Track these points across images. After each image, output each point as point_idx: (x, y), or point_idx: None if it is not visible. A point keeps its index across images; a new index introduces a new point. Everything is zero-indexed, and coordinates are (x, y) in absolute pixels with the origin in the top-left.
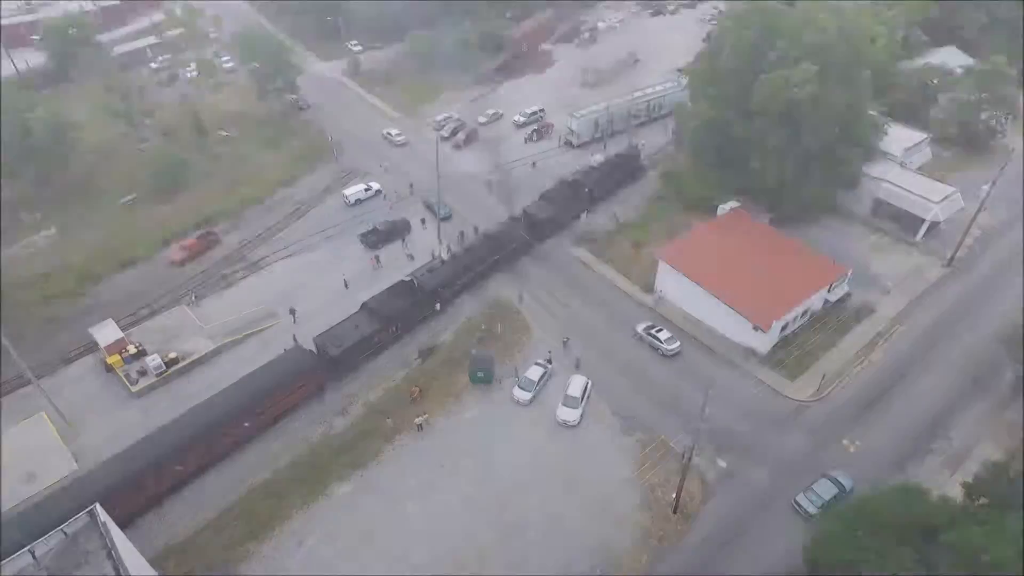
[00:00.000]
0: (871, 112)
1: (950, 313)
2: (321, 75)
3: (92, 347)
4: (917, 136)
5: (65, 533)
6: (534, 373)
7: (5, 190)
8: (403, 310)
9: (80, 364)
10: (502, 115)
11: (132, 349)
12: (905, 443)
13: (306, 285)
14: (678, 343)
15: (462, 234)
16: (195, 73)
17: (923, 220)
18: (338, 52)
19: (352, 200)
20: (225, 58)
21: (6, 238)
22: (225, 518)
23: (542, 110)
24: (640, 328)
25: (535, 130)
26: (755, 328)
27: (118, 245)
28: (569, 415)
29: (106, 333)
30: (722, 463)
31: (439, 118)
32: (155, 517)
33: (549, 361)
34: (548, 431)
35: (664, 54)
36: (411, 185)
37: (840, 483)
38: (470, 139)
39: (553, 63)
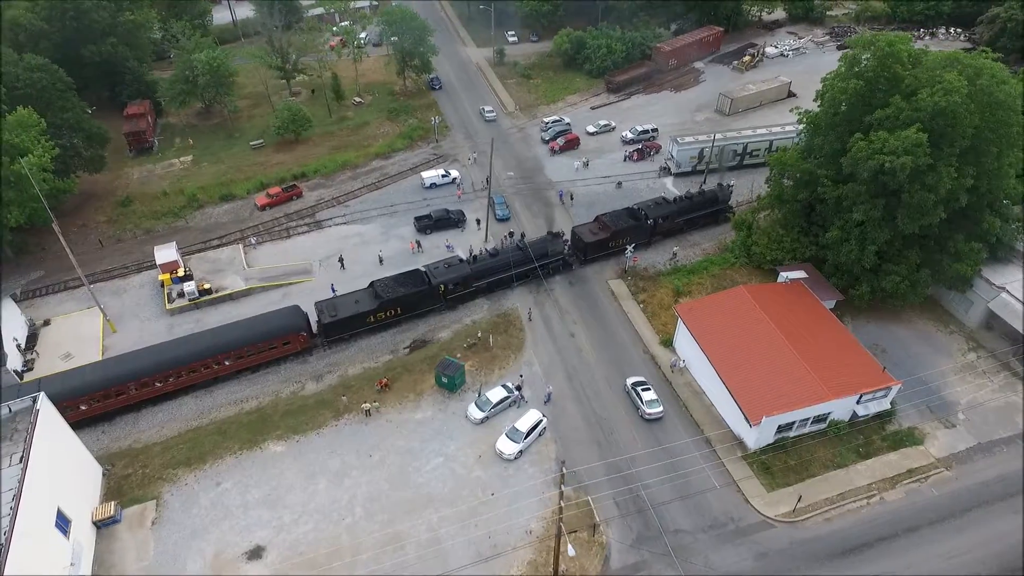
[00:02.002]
0: (1006, 201)
1: None
2: (467, 60)
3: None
4: None
5: (10, 409)
6: (495, 395)
7: (173, 116)
8: (405, 297)
9: (146, 275)
10: (614, 128)
11: (181, 272)
12: None
13: (349, 252)
14: (661, 408)
15: (511, 235)
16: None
17: None
18: (496, 39)
19: (427, 183)
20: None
21: (160, 155)
22: (176, 440)
23: (655, 130)
24: (629, 381)
25: (637, 149)
26: (746, 418)
27: (227, 181)
28: (507, 447)
29: (165, 253)
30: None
31: (548, 119)
32: (129, 420)
33: (519, 387)
34: (482, 456)
35: None
36: (487, 180)
37: None
38: (569, 146)
39: (698, 83)
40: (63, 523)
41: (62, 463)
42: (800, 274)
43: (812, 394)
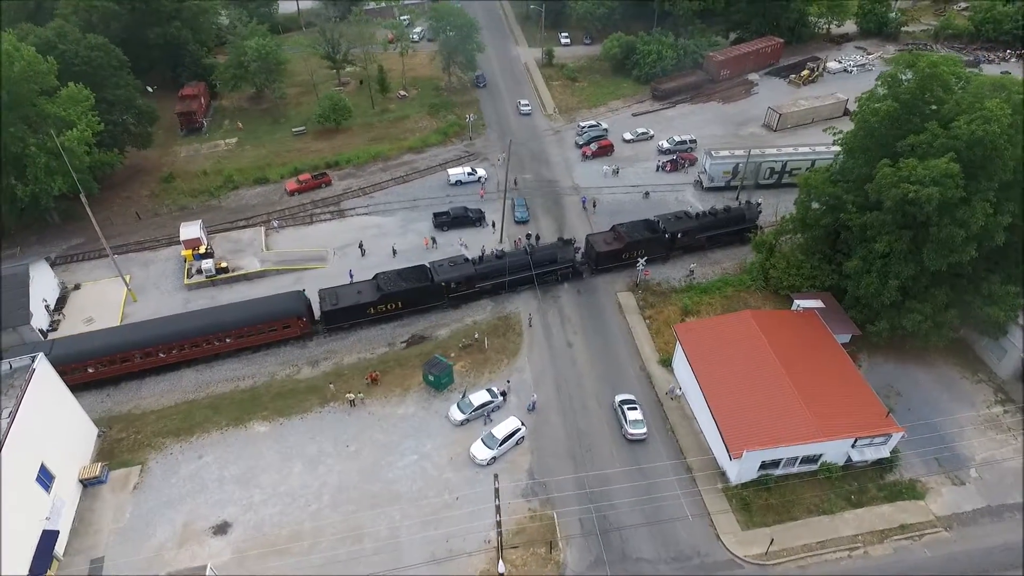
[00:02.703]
0: None
1: None
2: (516, 59)
3: None
4: None
5: (11, 365)
6: (478, 398)
7: (226, 99)
8: (407, 292)
9: (173, 249)
10: (651, 136)
11: (203, 249)
12: None
13: (367, 243)
14: (644, 429)
15: (527, 237)
16: (408, 35)
17: None
18: (548, 40)
19: (453, 180)
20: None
21: (208, 135)
22: (171, 411)
23: (693, 141)
24: (618, 398)
25: (671, 160)
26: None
27: (264, 165)
28: (480, 453)
29: (189, 230)
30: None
31: (584, 123)
32: (133, 387)
33: (503, 393)
34: (455, 459)
35: None
36: (516, 180)
37: None
38: (602, 152)
39: (749, 96)
40: (46, 478)
41: (53, 421)
42: (816, 303)
43: (802, 432)
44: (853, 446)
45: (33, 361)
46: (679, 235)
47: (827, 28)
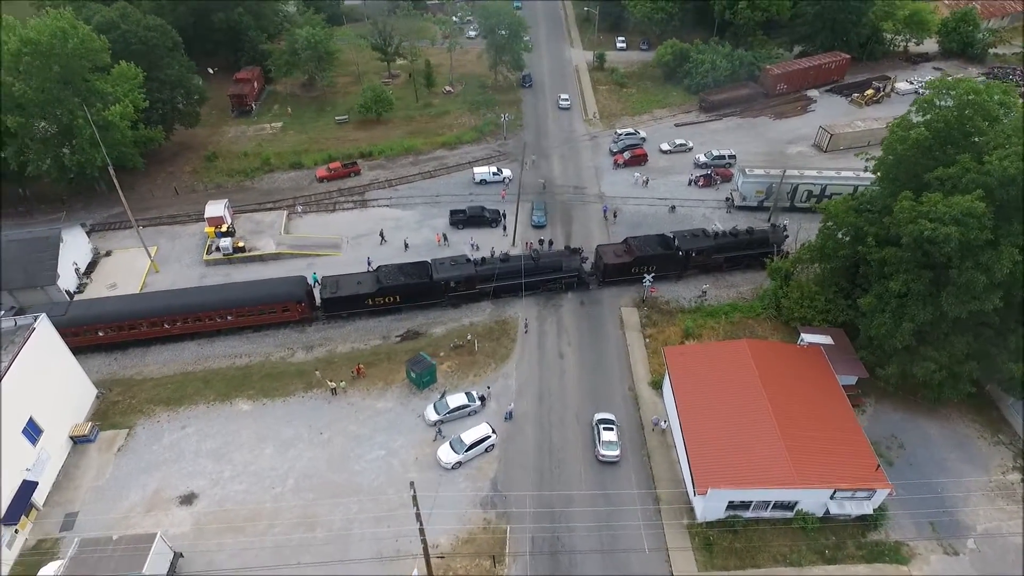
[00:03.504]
0: None
1: None
2: (568, 61)
3: None
4: None
5: (15, 323)
6: (455, 400)
7: (280, 85)
8: (405, 287)
9: (200, 225)
10: (690, 149)
11: (225, 228)
12: None
13: (381, 233)
14: (616, 452)
15: (541, 242)
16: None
17: None
18: (603, 44)
19: (478, 179)
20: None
21: (256, 118)
22: (167, 380)
23: (732, 157)
24: (597, 417)
25: (704, 175)
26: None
27: (302, 150)
28: (445, 456)
29: (214, 208)
30: None
31: (621, 131)
32: (139, 353)
33: (482, 398)
34: (421, 459)
35: None
36: (543, 183)
37: None
38: (635, 161)
39: (804, 113)
40: (33, 431)
41: (49, 379)
42: (825, 339)
43: (775, 475)
44: (832, 497)
45: (35, 320)
46: (694, 253)
47: (904, 46)
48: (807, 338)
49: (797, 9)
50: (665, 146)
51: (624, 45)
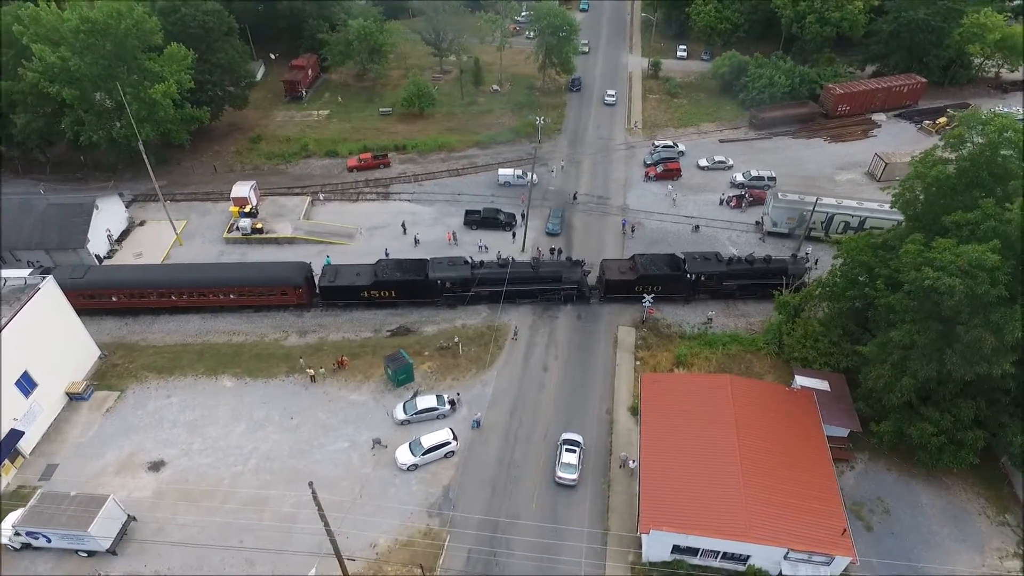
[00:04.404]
0: None
1: None
2: (623, 67)
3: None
4: None
5: (25, 281)
6: (424, 402)
7: (335, 74)
8: (399, 283)
9: (229, 204)
10: (730, 167)
11: (248, 208)
12: None
13: (396, 228)
14: (574, 476)
15: (552, 251)
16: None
17: None
18: (664, 51)
19: (502, 181)
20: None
21: (306, 105)
22: (167, 349)
23: (772, 179)
24: (563, 436)
25: (736, 195)
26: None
27: (340, 139)
28: (402, 457)
29: (240, 189)
30: None
31: (659, 143)
32: (149, 321)
33: (452, 402)
34: (380, 457)
35: None
36: (575, 194)
37: None
38: (667, 175)
39: (865, 138)
40: (27, 384)
41: (49, 337)
42: (820, 384)
43: (724, 525)
44: (786, 557)
45: (41, 281)
46: (703, 277)
47: (996, 72)
48: (800, 381)
49: (872, 27)
50: (703, 162)
51: (684, 54)
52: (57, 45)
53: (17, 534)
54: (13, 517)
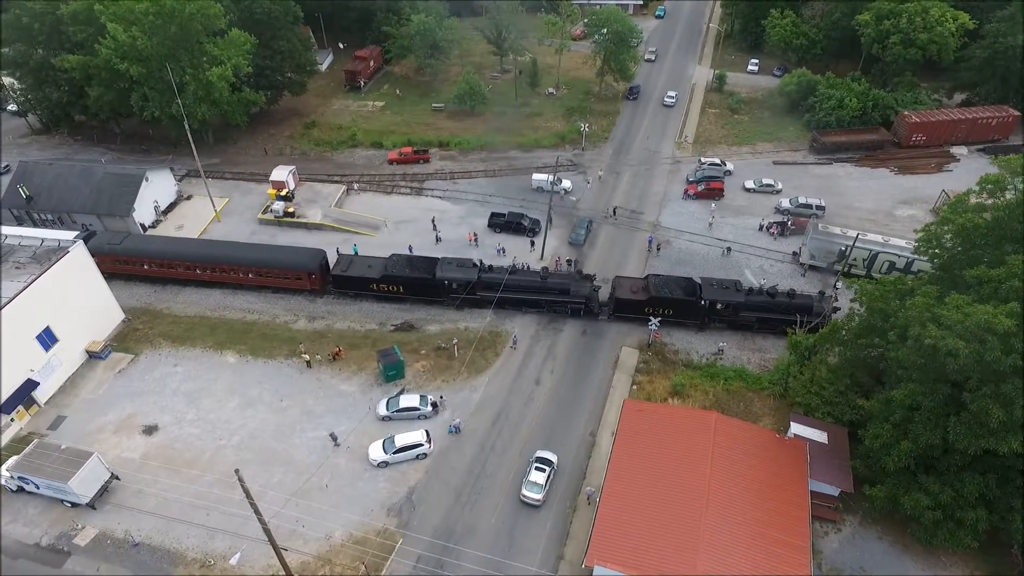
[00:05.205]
0: None
1: None
2: (687, 77)
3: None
4: None
5: (59, 242)
6: (408, 400)
7: (398, 66)
8: (407, 279)
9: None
10: (778, 191)
11: (285, 192)
12: None
13: (423, 223)
14: (539, 496)
15: (568, 262)
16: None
17: None
18: (734, 63)
19: (535, 185)
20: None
21: (364, 95)
22: (184, 320)
23: (821, 207)
24: (536, 454)
25: (780, 222)
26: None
27: (388, 131)
28: (373, 452)
29: (279, 173)
30: None
31: (706, 160)
32: (176, 290)
33: (434, 404)
34: (354, 449)
35: None
36: (615, 209)
37: None
38: (709, 194)
39: (939, 172)
40: (48, 338)
41: (74, 297)
42: (818, 436)
43: (677, 571)
44: None
45: (71, 245)
46: (718, 305)
47: None
48: (796, 429)
49: (965, 52)
50: (750, 183)
51: (756, 68)
52: (131, 25)
53: (12, 477)
54: (11, 461)
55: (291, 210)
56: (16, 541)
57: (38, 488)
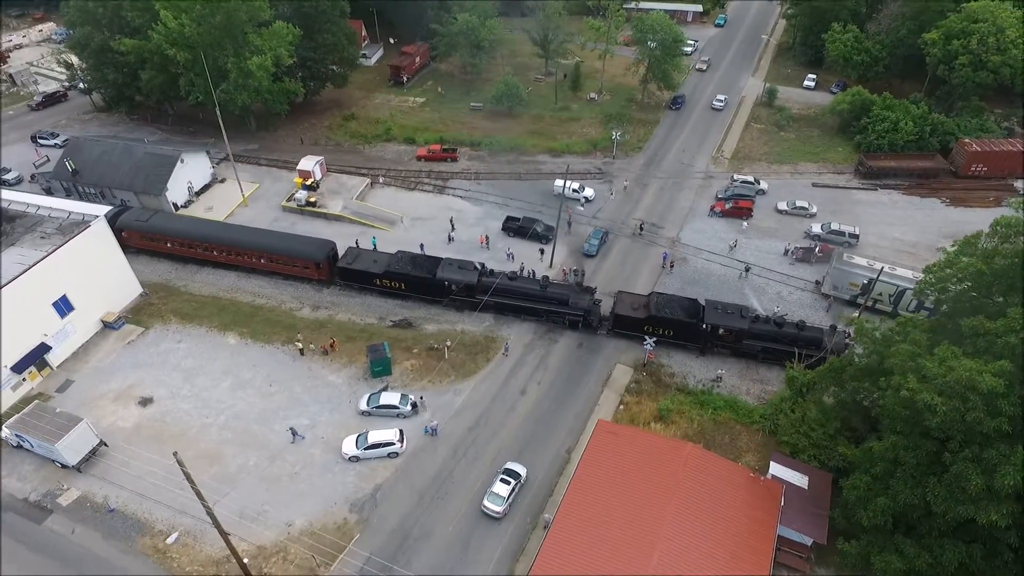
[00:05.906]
0: None
1: None
2: (738, 90)
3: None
4: None
5: (83, 216)
6: (389, 398)
7: (444, 63)
8: (407, 277)
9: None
10: (812, 215)
11: (311, 181)
12: None
13: (440, 221)
14: (500, 508)
15: (575, 272)
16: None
17: None
18: (791, 78)
19: (556, 191)
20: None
21: (407, 91)
22: (197, 299)
23: (855, 236)
24: (507, 465)
25: (806, 248)
26: None
27: (423, 128)
28: (346, 447)
29: (306, 163)
30: None
31: (739, 177)
32: (195, 269)
33: (414, 404)
34: (329, 441)
35: None
36: (642, 224)
37: None
38: (736, 213)
39: (996, 207)
40: (64, 306)
41: (92, 269)
42: (799, 480)
43: None
44: None
45: (93, 220)
46: (720, 331)
47: None
48: (775, 470)
49: None
50: (782, 205)
51: (813, 84)
52: (181, 12)
53: (12, 435)
54: (13, 419)
55: (312, 199)
56: (8, 494)
57: (32, 447)
